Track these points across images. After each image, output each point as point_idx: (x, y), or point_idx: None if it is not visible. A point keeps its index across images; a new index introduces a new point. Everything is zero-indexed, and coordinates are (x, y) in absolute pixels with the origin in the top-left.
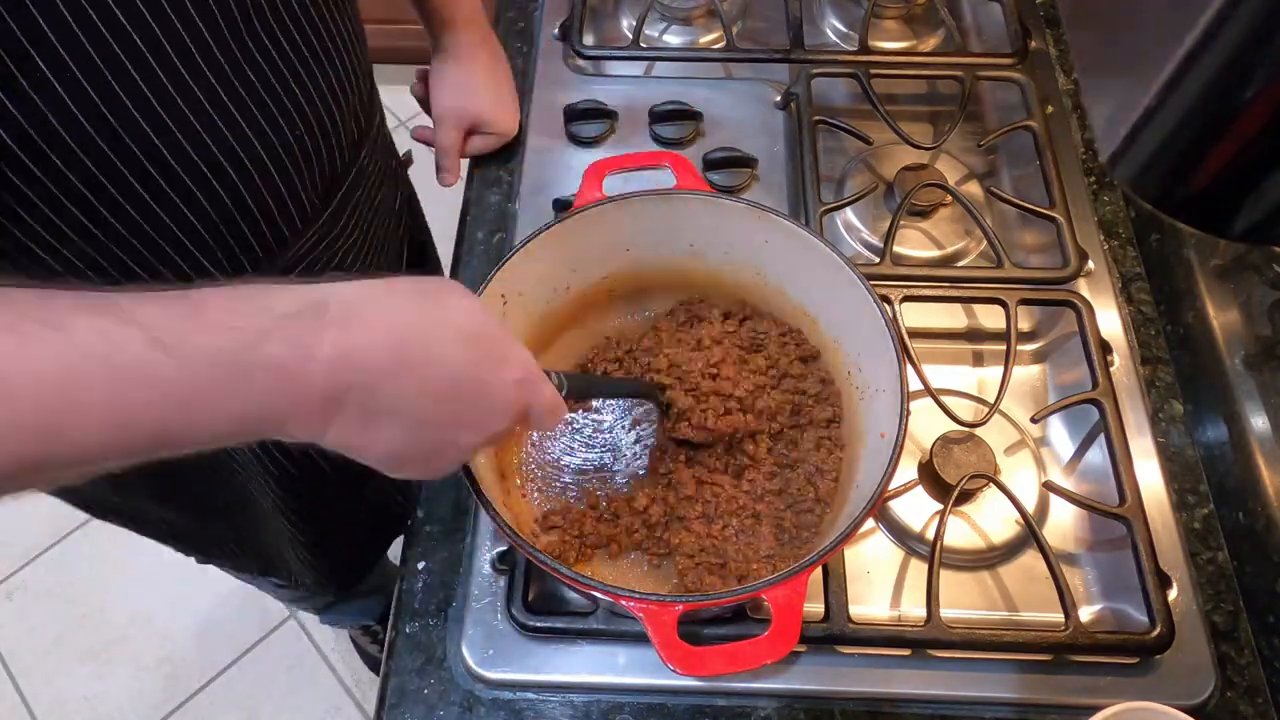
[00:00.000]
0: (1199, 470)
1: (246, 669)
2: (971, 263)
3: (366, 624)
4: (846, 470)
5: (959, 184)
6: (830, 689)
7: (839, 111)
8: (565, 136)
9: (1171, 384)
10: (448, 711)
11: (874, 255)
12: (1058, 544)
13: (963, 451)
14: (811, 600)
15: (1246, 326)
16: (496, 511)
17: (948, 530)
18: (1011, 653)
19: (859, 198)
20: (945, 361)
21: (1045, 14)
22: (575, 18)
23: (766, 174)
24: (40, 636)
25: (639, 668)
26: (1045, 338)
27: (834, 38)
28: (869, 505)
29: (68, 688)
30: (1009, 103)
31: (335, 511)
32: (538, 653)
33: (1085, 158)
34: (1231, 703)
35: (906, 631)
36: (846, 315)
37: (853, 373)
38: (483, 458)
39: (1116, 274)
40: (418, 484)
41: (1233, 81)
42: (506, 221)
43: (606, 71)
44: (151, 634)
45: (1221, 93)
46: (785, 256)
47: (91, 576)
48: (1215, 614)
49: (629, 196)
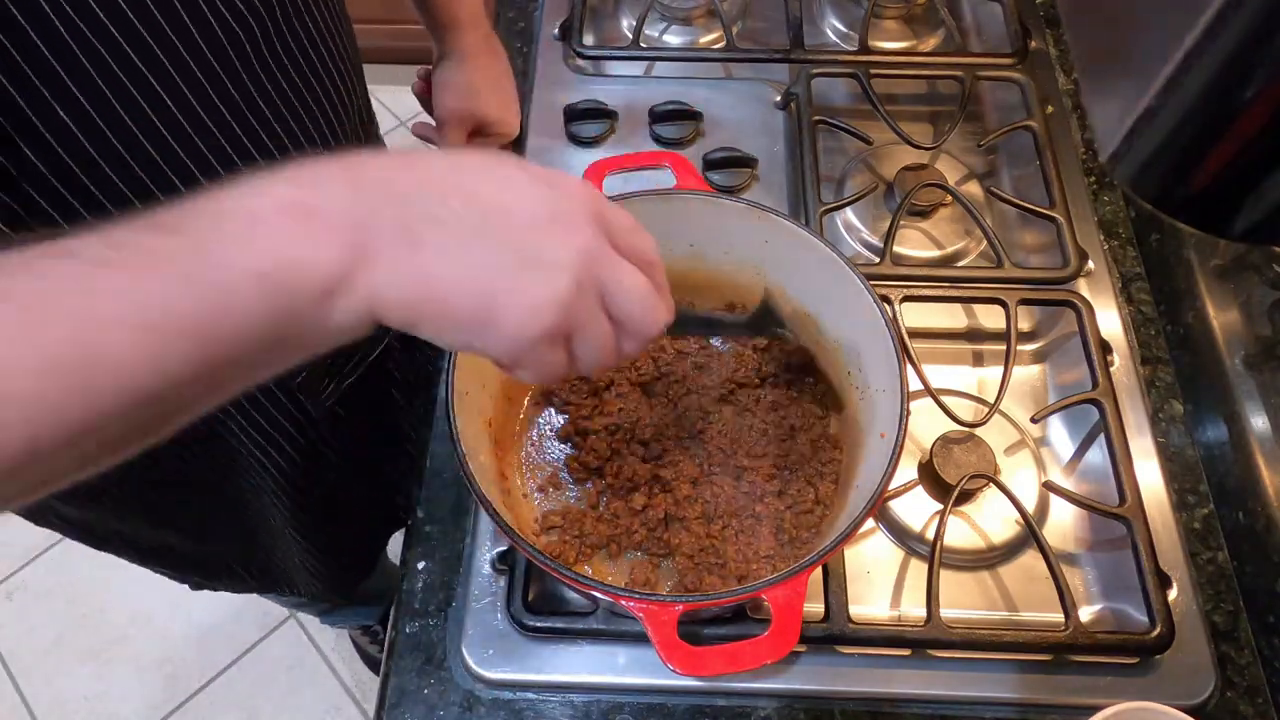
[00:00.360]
0: (1199, 470)
1: (246, 669)
2: (971, 263)
3: (367, 624)
4: (846, 470)
5: (959, 184)
6: (830, 689)
7: (839, 111)
8: (565, 136)
9: (1171, 384)
10: (448, 711)
11: (874, 255)
12: (1058, 544)
13: (963, 451)
14: (811, 600)
15: (1246, 326)
16: (496, 511)
17: (948, 530)
18: (1011, 653)
19: (859, 198)
20: (945, 361)
21: (1045, 14)
22: (575, 18)
23: (766, 174)
24: (40, 636)
25: (639, 668)
26: (1045, 338)
27: (834, 38)
28: (869, 505)
29: (68, 688)
30: (1009, 103)
31: (340, 514)
32: (538, 653)
33: (1085, 158)
34: (1231, 703)
35: (906, 631)
36: (846, 315)
37: (853, 373)
38: (481, 452)
39: (1116, 274)
40: (418, 483)
41: (1233, 81)
42: None
43: (606, 71)
44: (151, 634)
45: (1221, 93)
46: (785, 256)
47: (91, 576)
48: (1215, 614)
49: (629, 196)
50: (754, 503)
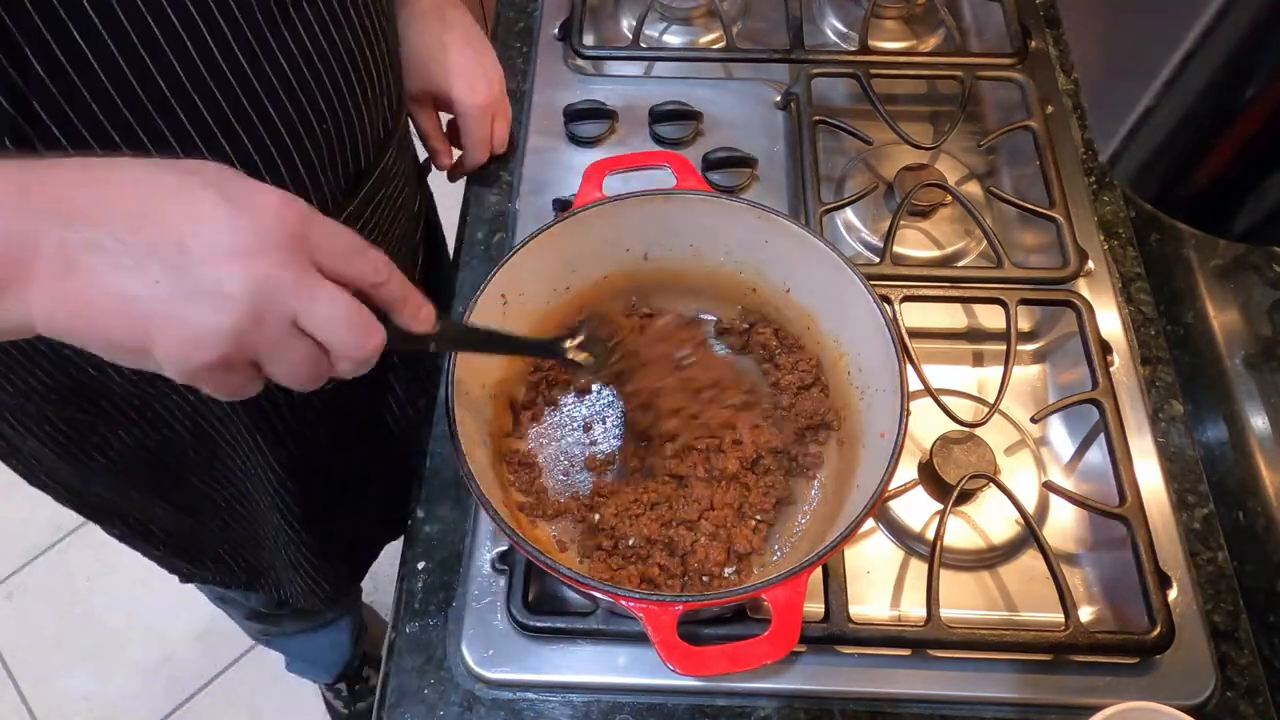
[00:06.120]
0: (1199, 470)
1: (246, 669)
2: (971, 263)
3: (328, 681)
4: (846, 470)
5: (959, 184)
6: (830, 689)
7: (839, 111)
8: (565, 136)
9: (1171, 384)
10: (448, 711)
11: (874, 255)
12: (1058, 544)
13: (963, 451)
14: (811, 600)
15: (1246, 326)
16: (496, 511)
17: (948, 530)
18: (1011, 653)
19: (859, 198)
20: (945, 361)
21: (1045, 14)
22: (575, 18)
23: (766, 174)
24: (40, 636)
25: (639, 668)
26: (1045, 338)
27: (834, 38)
28: (869, 505)
29: (68, 688)
30: (1009, 103)
31: (338, 511)
32: (538, 653)
33: (1085, 158)
34: (1231, 703)
35: (906, 631)
36: (846, 315)
37: (853, 373)
38: (480, 452)
39: (1116, 274)
40: (418, 483)
41: (1233, 81)
42: (506, 221)
43: (606, 71)
44: (151, 634)
45: (1221, 93)
46: (785, 256)
47: (91, 576)
48: (1215, 614)
49: (629, 196)
50: (749, 502)
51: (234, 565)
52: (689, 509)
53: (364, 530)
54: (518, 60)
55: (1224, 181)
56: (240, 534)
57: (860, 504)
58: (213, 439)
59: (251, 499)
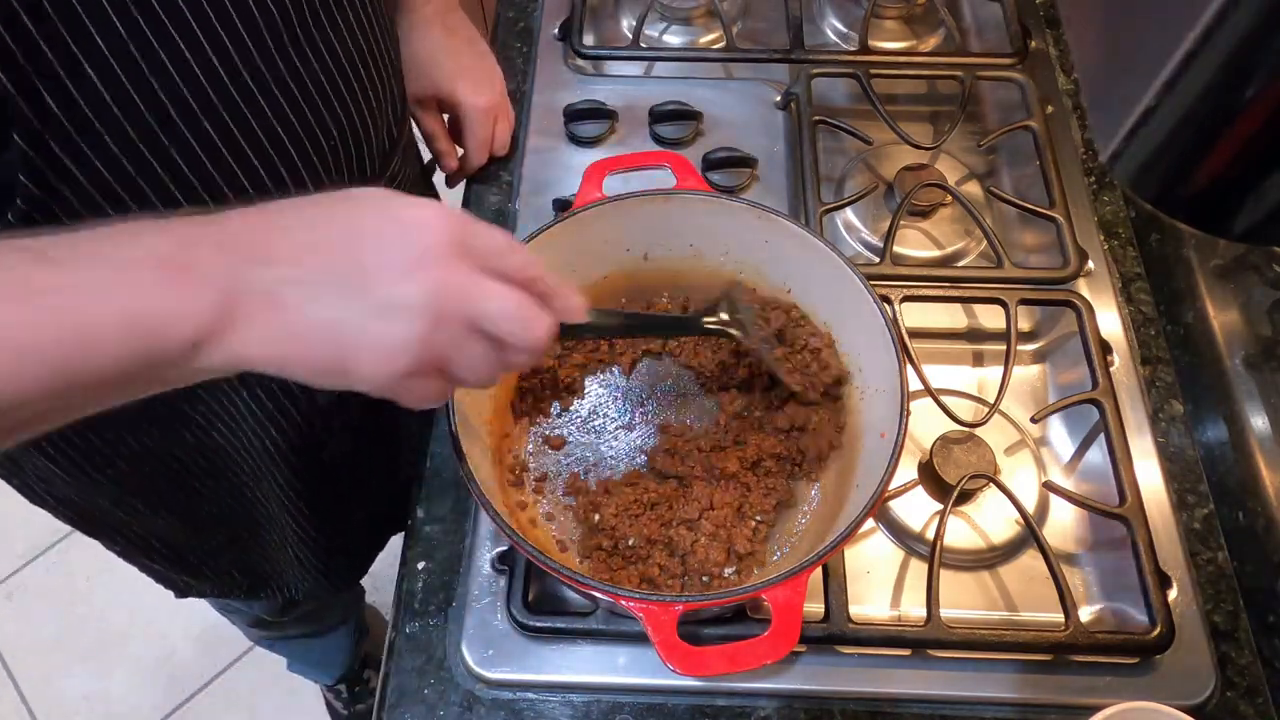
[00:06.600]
0: (1199, 470)
1: (246, 669)
2: (971, 263)
3: (328, 683)
4: (846, 470)
5: (959, 184)
6: (830, 689)
7: (839, 111)
8: (565, 136)
9: (1171, 384)
10: (448, 711)
11: (874, 255)
12: (1058, 544)
13: (963, 451)
14: (811, 600)
15: (1246, 326)
16: (497, 511)
17: (948, 530)
18: (1011, 653)
19: (859, 198)
20: (945, 361)
21: (1045, 14)
22: (575, 18)
23: (766, 174)
24: (40, 636)
25: (639, 668)
26: (1045, 338)
27: (834, 38)
28: (869, 505)
29: (68, 688)
30: (1009, 103)
31: (342, 506)
32: (538, 653)
33: (1085, 158)
34: (1231, 703)
35: (906, 631)
36: (846, 315)
37: (853, 373)
38: (478, 451)
39: (1116, 274)
40: (418, 483)
41: (1232, 81)
42: (506, 221)
43: (606, 71)
44: (151, 634)
45: (1221, 93)
46: (785, 256)
47: (92, 576)
48: (1215, 614)
49: (629, 196)
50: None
51: (235, 575)
52: (689, 509)
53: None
54: (518, 60)
55: (1224, 181)
56: (245, 541)
57: (860, 504)
58: (221, 445)
59: (259, 504)
